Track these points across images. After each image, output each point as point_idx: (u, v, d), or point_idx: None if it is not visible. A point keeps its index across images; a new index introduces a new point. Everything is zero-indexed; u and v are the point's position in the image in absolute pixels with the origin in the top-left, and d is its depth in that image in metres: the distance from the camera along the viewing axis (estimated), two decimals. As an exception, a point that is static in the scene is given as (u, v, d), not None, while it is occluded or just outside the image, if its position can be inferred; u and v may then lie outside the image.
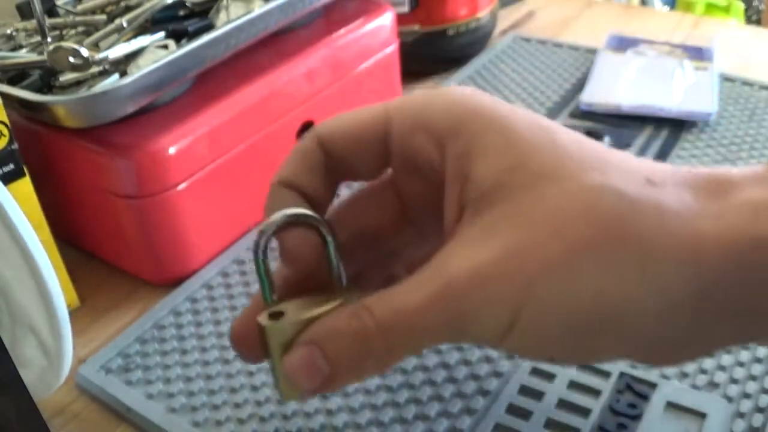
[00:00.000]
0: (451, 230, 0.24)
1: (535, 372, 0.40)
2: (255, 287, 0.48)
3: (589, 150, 0.24)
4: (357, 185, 0.31)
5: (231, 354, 0.43)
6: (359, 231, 0.29)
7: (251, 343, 0.27)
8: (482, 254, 0.22)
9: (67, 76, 0.46)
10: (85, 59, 0.45)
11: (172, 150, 0.45)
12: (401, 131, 0.26)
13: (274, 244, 0.27)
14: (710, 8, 1.48)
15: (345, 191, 0.31)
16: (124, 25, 0.49)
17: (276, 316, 0.25)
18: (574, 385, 0.39)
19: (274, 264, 0.27)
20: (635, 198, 0.22)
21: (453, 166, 0.24)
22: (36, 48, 0.51)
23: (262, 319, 0.25)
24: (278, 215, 0.25)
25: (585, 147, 0.24)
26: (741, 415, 0.37)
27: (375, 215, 0.29)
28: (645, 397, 0.38)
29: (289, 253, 0.26)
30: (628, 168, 0.23)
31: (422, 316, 0.23)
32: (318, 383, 0.24)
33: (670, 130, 0.60)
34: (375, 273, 0.30)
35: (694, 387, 0.39)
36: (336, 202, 0.30)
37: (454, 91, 0.26)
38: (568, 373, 0.39)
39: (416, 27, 0.68)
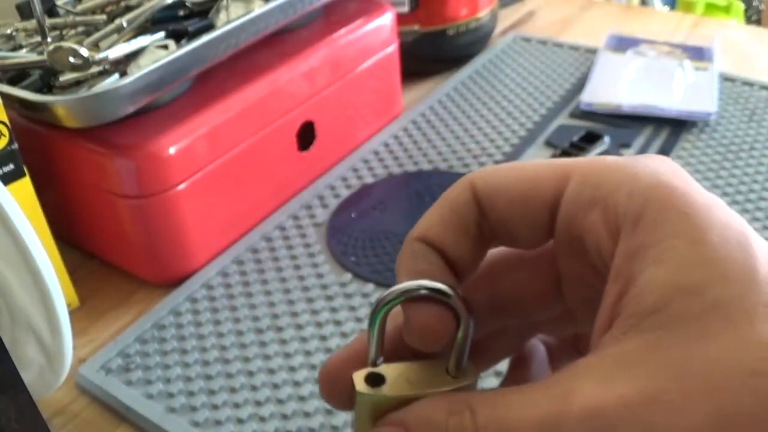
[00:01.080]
0: (600, 334, 0.21)
1: (535, 372, 0.40)
2: (256, 287, 0.48)
3: None
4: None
5: (231, 354, 0.43)
6: (501, 295, 0.25)
7: (340, 390, 0.23)
8: (611, 392, 0.18)
9: (67, 76, 0.46)
10: (85, 59, 0.45)
11: (172, 150, 0.45)
12: (576, 203, 0.22)
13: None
14: (710, 8, 1.48)
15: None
16: (124, 25, 0.49)
17: (375, 379, 0.23)
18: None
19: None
20: None
21: (621, 261, 0.20)
22: (36, 48, 0.51)
23: (358, 381, 0.23)
24: (413, 284, 0.21)
25: None
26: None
27: (523, 282, 0.24)
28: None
29: (418, 332, 0.22)
30: None
31: None
32: None
33: (670, 130, 0.60)
34: (503, 342, 0.26)
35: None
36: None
37: (646, 165, 0.21)
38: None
39: (416, 27, 0.68)
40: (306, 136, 0.55)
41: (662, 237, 0.19)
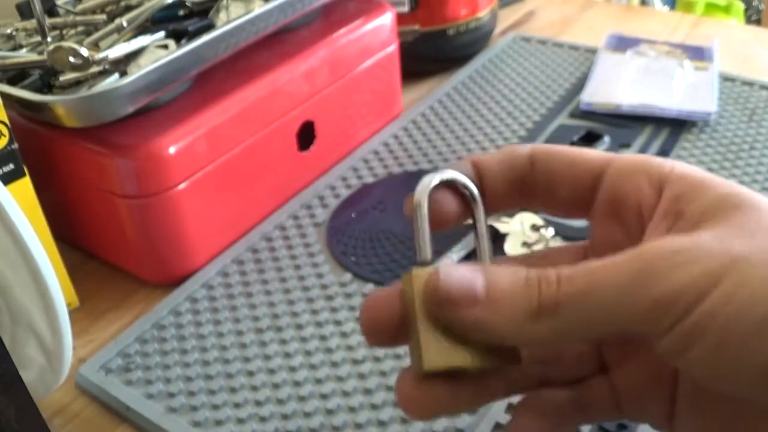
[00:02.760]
0: None
1: (535, 372, 0.40)
2: (256, 287, 0.48)
3: None
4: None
5: (231, 354, 0.43)
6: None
7: (384, 322, 0.25)
8: (684, 238, 0.22)
9: (67, 76, 0.46)
10: (85, 59, 0.45)
11: (172, 150, 0.45)
12: (620, 171, 0.26)
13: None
14: (710, 8, 1.48)
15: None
16: (124, 25, 0.49)
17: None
18: (574, 385, 0.39)
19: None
20: None
21: (668, 204, 0.24)
22: (36, 48, 0.51)
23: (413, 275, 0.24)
24: (433, 176, 0.26)
25: None
26: (741, 415, 0.37)
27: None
28: (645, 397, 0.38)
29: (434, 213, 0.26)
30: None
31: (609, 272, 0.21)
32: (465, 303, 0.22)
33: (670, 130, 0.60)
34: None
35: (694, 387, 0.38)
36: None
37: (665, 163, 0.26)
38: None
39: (416, 27, 0.68)
40: (306, 136, 0.55)
41: (700, 183, 0.24)
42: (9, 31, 0.53)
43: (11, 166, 0.43)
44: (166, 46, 0.48)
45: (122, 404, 0.41)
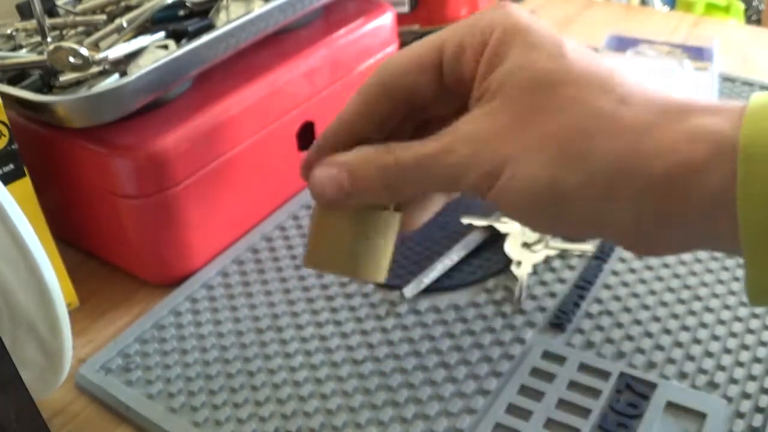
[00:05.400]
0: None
1: (535, 372, 0.40)
2: (255, 287, 0.48)
3: (591, 67, 0.30)
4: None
5: (231, 354, 0.43)
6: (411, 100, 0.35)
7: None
8: (477, 126, 0.31)
9: (67, 76, 0.46)
10: (85, 59, 0.45)
11: (172, 150, 0.45)
12: (452, 55, 0.33)
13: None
14: (710, 8, 1.48)
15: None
16: (124, 25, 0.49)
17: None
18: (574, 384, 0.39)
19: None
20: (602, 111, 0.29)
21: (483, 68, 0.31)
22: (36, 48, 0.51)
23: None
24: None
25: (590, 64, 0.30)
26: (740, 415, 0.37)
27: (424, 89, 0.34)
28: (645, 397, 0.38)
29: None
30: (607, 88, 0.29)
31: (431, 159, 0.31)
32: (338, 197, 0.34)
33: (670, 130, 0.60)
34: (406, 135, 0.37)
35: (694, 387, 0.39)
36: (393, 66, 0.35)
37: (495, 10, 0.32)
38: (568, 372, 0.39)
39: (416, 27, 0.68)
40: (306, 136, 0.55)
41: (506, 47, 0.31)
42: (9, 31, 0.53)
43: (11, 166, 0.43)
44: (166, 47, 0.48)
45: (122, 404, 0.41)
